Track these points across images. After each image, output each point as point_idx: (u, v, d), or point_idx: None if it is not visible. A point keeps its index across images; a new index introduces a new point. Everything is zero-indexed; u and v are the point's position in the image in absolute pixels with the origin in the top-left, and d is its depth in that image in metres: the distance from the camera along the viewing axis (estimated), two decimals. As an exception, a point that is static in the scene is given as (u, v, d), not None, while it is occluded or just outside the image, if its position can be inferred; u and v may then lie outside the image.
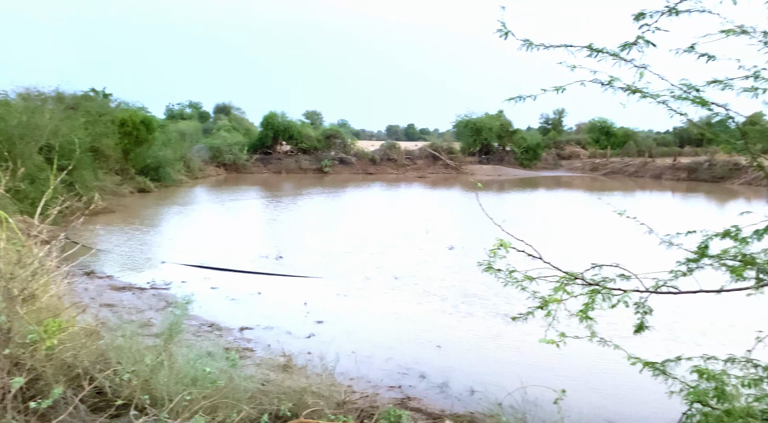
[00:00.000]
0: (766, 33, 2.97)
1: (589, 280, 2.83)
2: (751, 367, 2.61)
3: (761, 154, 3.13)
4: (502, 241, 2.69)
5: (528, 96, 3.14)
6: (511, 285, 2.84)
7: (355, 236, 16.34)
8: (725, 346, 3.08)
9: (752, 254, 2.93)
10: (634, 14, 3.05)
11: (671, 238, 3.46)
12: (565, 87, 3.04)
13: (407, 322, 8.77)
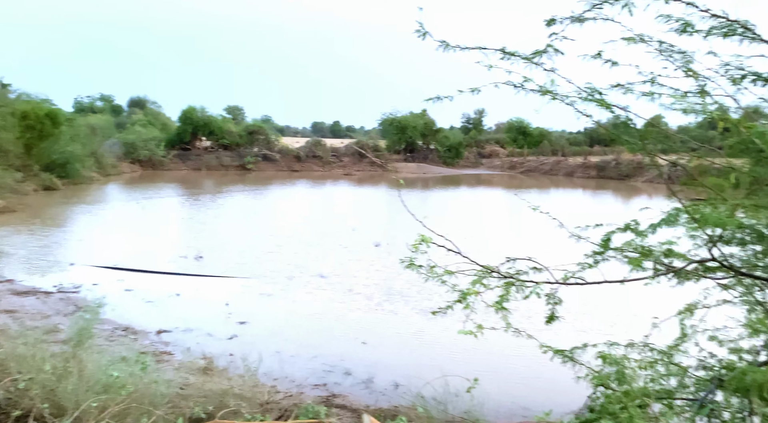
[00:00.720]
0: (662, 42, 3.22)
1: (504, 273, 2.95)
2: (648, 350, 2.84)
3: (658, 153, 3.39)
4: (423, 237, 2.75)
5: (446, 96, 3.22)
6: (432, 280, 2.90)
7: (279, 235, 16.08)
8: (629, 334, 3.32)
9: (650, 246, 3.17)
10: (546, 20, 3.21)
11: (579, 231, 3.67)
12: (480, 88, 3.13)
13: (332, 320, 8.76)
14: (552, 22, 3.18)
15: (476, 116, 62.11)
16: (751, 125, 2.11)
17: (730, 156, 3.35)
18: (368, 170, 43.37)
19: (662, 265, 3.18)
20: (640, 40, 3.24)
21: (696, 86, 2.95)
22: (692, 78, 2.94)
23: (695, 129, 10.30)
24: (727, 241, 3.23)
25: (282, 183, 34.04)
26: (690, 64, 2.93)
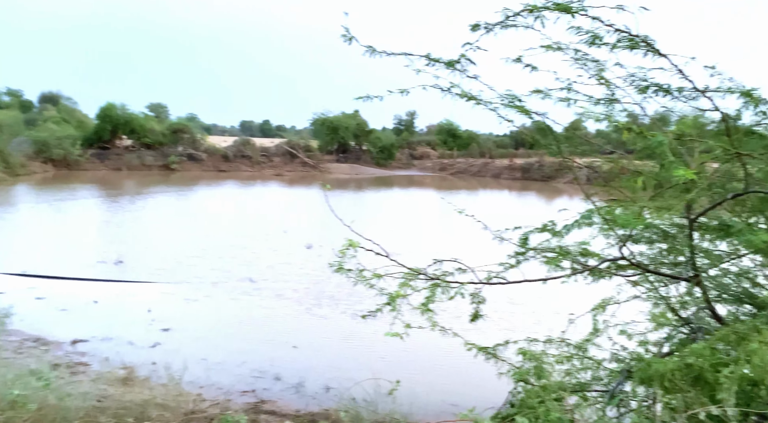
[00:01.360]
0: (577, 50, 3.39)
1: (431, 274, 3.00)
2: (565, 345, 2.99)
3: (574, 158, 3.57)
4: (351, 241, 2.75)
5: (375, 96, 3.24)
6: (361, 283, 2.91)
7: (206, 238, 15.56)
8: (552, 330, 3.46)
9: (567, 246, 3.33)
10: (471, 25, 3.30)
11: (502, 233, 3.81)
12: (409, 90, 3.18)
13: (262, 325, 8.59)
14: (476, 28, 3.27)
15: (408, 118, 62.88)
16: (653, 134, 2.27)
17: (639, 159, 3.57)
18: (300, 171, 42.89)
19: (578, 263, 3.35)
20: (557, 47, 3.40)
21: (607, 94, 3.13)
22: (604, 86, 3.11)
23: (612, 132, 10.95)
24: (636, 240, 3.45)
25: (209, 184, 32.97)
26: (603, 72, 3.11)
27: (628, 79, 2.66)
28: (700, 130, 3.07)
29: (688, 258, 3.06)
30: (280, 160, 44.04)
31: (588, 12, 2.21)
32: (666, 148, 2.17)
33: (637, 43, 2.22)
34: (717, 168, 2.88)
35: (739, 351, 2.10)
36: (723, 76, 2.65)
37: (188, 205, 24.35)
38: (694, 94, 2.52)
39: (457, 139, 54.10)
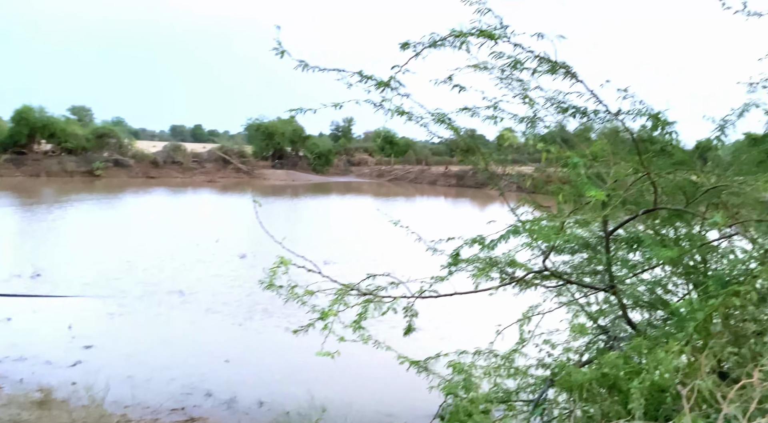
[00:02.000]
0: (503, 70, 3.52)
1: (364, 290, 3.01)
2: (493, 356, 3.09)
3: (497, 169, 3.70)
4: (283, 259, 2.72)
5: (308, 109, 3.23)
6: (293, 301, 2.88)
7: (132, 249, 14.85)
8: (484, 341, 3.53)
9: (495, 257, 3.44)
10: (401, 43, 3.36)
11: (435, 244, 3.88)
12: (342, 104, 3.19)
13: (192, 339, 8.30)
14: (406, 46, 3.34)
15: (345, 124, 62.93)
16: (569, 155, 2.40)
17: (564, 167, 3.71)
18: (233, 177, 41.88)
19: (506, 274, 3.47)
20: (483, 67, 3.51)
21: (532, 112, 3.27)
22: (528, 105, 3.25)
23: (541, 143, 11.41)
24: (560, 251, 3.62)
25: (136, 191, 31.55)
26: (527, 91, 3.24)
27: (548, 100, 2.79)
28: (617, 148, 3.27)
29: (606, 269, 3.23)
30: (212, 166, 42.85)
31: (510, 38, 2.30)
32: (580, 169, 2.29)
33: (556, 68, 2.34)
34: (631, 184, 3.07)
35: (648, 360, 2.24)
36: (635, 98, 2.84)
37: (113, 214, 23.20)
38: (608, 116, 2.68)
39: (395, 147, 54.71)
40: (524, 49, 2.27)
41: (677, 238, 3.36)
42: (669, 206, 3.03)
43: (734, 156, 3.30)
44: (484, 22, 2.28)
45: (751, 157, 3.06)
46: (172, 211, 24.94)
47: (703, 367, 2.09)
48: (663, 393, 2.19)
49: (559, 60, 2.30)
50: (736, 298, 2.10)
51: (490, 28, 2.26)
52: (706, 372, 2.08)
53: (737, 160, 3.21)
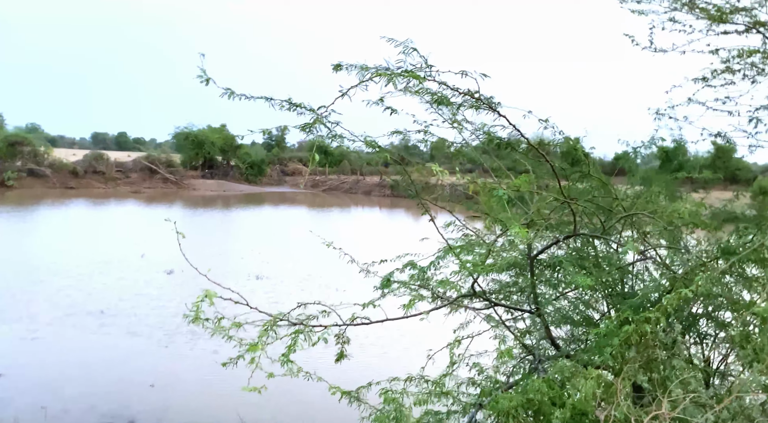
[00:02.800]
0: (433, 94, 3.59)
1: (294, 320, 2.96)
2: (423, 382, 3.12)
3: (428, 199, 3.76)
4: (208, 292, 2.62)
5: (238, 135, 3.17)
6: (219, 334, 2.79)
7: (47, 266, 13.90)
8: (418, 365, 3.53)
9: (427, 277, 3.48)
10: (333, 65, 3.36)
11: (368, 266, 3.89)
12: (271, 130, 3.15)
13: (113, 363, 7.84)
14: (338, 68, 3.34)
15: (279, 133, 62.06)
16: (494, 186, 2.48)
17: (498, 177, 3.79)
18: (161, 188, 40.23)
19: (438, 296, 3.53)
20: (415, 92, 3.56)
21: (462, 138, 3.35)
22: (457, 130, 3.33)
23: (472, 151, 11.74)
24: (488, 273, 3.71)
25: (53, 203, 29.62)
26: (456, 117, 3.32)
27: (475, 131, 2.87)
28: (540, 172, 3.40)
29: (531, 291, 3.35)
30: (138, 176, 40.98)
31: (435, 77, 2.35)
32: (505, 203, 2.37)
33: (479, 104, 2.41)
34: (552, 211, 3.21)
35: (570, 384, 2.34)
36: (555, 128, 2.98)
37: (25, 228, 21.64)
38: (529, 147, 2.79)
39: (329, 156, 54.53)
40: (449, 87, 2.32)
41: (597, 260, 3.54)
42: (586, 232, 3.19)
43: (645, 182, 3.52)
44: (409, 63, 2.32)
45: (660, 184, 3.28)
46: (93, 225, 23.59)
47: (619, 392, 2.20)
48: (584, 416, 2.29)
49: (483, 96, 2.38)
50: (647, 324, 2.23)
51: (415, 68, 2.30)
52: (622, 396, 2.20)
53: (648, 185, 3.43)
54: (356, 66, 3.35)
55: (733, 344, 2.51)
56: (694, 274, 2.58)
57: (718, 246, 2.72)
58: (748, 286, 2.78)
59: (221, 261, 14.79)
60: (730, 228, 3.09)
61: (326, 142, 3.31)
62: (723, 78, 3.74)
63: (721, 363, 3.10)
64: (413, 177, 8.85)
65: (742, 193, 4.38)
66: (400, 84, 2.37)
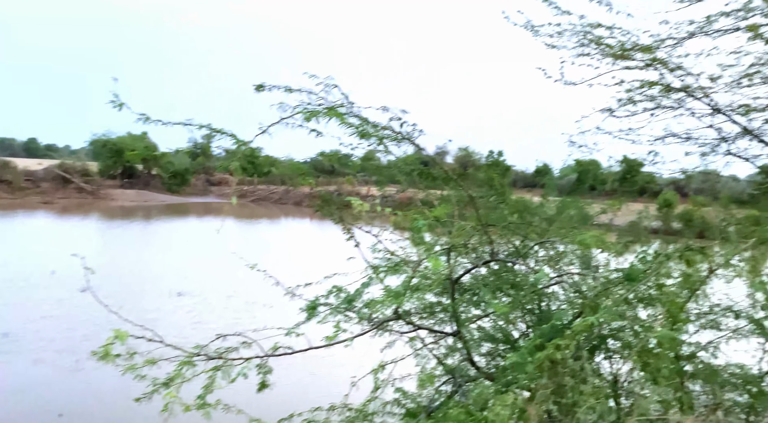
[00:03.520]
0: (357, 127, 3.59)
1: (213, 353, 2.87)
2: (347, 411, 3.11)
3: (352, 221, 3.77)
4: (118, 332, 2.49)
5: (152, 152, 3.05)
6: (130, 374, 2.65)
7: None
8: (345, 395, 3.50)
9: (354, 306, 3.48)
10: (255, 85, 3.31)
11: (293, 289, 3.84)
12: (183, 148, 3.05)
13: (17, 392, 7.25)
14: (260, 89, 3.30)
15: (204, 141, 60.21)
16: (415, 217, 2.53)
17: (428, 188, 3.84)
18: (75, 198, 37.84)
19: (364, 319, 3.53)
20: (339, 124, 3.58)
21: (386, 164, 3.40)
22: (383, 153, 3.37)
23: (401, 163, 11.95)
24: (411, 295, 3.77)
25: (-49, 214, 27.16)
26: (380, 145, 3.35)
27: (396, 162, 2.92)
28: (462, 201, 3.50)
29: (452, 314, 3.43)
30: (49, 185, 38.32)
31: (356, 114, 2.38)
32: (423, 232, 2.42)
33: (400, 139, 2.46)
34: (470, 237, 3.31)
35: (488, 411, 2.41)
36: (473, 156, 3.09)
37: None
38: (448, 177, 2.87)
39: (258, 166, 53.48)
40: (370, 123, 2.36)
41: (516, 281, 3.68)
42: (502, 258, 3.31)
43: (559, 210, 3.72)
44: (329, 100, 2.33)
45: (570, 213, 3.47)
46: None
47: (532, 419, 2.29)
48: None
49: (404, 131, 2.43)
50: (557, 351, 2.34)
51: (336, 104, 2.32)
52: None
53: (560, 213, 3.62)
54: (280, 87, 3.33)
55: (635, 364, 2.69)
56: (601, 299, 2.75)
57: (622, 271, 2.90)
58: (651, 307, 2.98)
59: (140, 276, 14.08)
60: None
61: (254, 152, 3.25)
62: (626, 109, 4.03)
63: (628, 378, 3.30)
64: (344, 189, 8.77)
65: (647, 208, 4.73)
66: (322, 120, 2.38)
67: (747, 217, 4.33)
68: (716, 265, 2.68)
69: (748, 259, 3.94)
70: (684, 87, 3.87)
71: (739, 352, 3.33)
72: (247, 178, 51.28)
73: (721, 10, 3.19)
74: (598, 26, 3.67)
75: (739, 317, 2.99)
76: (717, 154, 4.03)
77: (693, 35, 3.44)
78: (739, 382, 2.83)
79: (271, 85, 3.32)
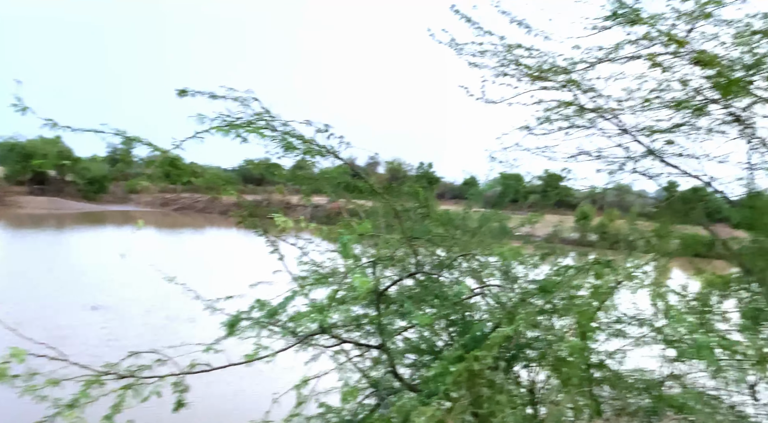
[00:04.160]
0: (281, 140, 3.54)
1: (124, 372, 2.71)
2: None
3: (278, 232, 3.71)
4: (15, 350, 2.30)
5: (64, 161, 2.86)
6: (29, 394, 2.45)
7: None
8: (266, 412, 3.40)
9: (279, 320, 3.40)
10: (178, 90, 3.19)
11: (215, 302, 3.71)
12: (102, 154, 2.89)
13: None
14: (183, 93, 3.19)
15: (124, 147, 57.28)
16: (341, 232, 2.52)
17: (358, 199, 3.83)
18: (-24, 205, 34.89)
19: (288, 333, 3.46)
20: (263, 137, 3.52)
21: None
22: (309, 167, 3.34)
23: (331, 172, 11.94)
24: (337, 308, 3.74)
25: None
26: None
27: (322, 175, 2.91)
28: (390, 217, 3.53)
29: (377, 327, 3.44)
30: (-54, 190, 35.12)
31: (279, 126, 2.36)
32: (349, 248, 2.42)
33: (323, 152, 2.46)
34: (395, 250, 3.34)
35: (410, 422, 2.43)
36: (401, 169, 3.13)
37: None
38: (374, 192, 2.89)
39: (182, 174, 51.35)
40: (294, 137, 2.34)
41: (439, 294, 3.75)
42: (426, 270, 3.37)
43: (481, 223, 3.83)
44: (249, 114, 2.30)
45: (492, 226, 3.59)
46: None
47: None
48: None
49: (328, 145, 2.42)
50: (476, 362, 2.40)
51: (255, 118, 2.29)
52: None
53: (482, 226, 3.73)
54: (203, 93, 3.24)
55: (550, 373, 2.81)
56: (518, 310, 2.86)
57: (538, 283, 3.03)
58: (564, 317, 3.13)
59: (50, 289, 13.10)
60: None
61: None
62: (543, 128, 4.23)
63: (544, 386, 3.44)
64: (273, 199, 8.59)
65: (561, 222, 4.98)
66: (243, 132, 2.33)
67: (652, 231, 4.67)
68: (622, 277, 2.86)
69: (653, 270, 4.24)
70: (596, 108, 4.12)
71: (645, 358, 3.56)
72: (170, 186, 49.27)
73: (626, 38, 3.43)
74: (518, 47, 3.84)
75: (643, 325, 3.20)
76: (624, 172, 4.31)
77: (602, 60, 3.67)
78: (642, 387, 3.01)
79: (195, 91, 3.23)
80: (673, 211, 4.30)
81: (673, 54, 3.47)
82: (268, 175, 4.23)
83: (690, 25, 3.33)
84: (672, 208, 4.30)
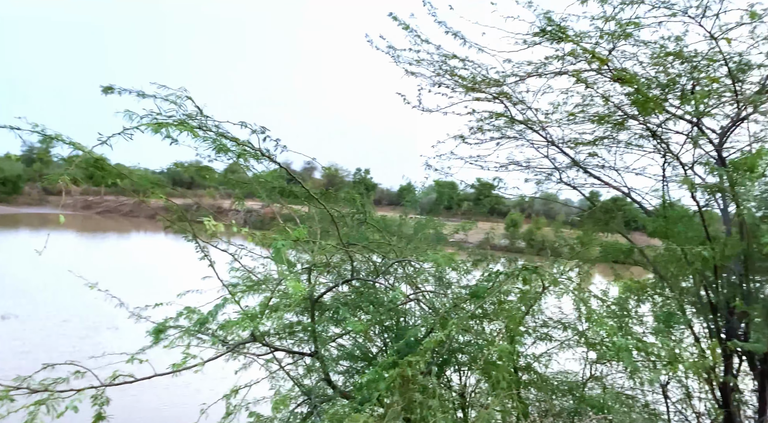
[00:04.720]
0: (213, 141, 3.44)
1: (37, 386, 2.53)
2: (196, 441, 2.93)
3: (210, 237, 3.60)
4: None
5: None
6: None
7: None
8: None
9: (209, 328, 3.29)
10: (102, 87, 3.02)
11: (140, 311, 3.54)
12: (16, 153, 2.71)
13: None
14: (109, 91, 3.03)
15: (42, 146, 53.67)
16: (275, 239, 2.48)
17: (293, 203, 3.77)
18: None
19: (219, 341, 3.36)
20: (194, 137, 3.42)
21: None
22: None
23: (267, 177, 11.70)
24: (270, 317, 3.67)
25: None
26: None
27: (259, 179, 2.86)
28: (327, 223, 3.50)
29: (311, 335, 3.40)
30: None
31: (212, 129, 2.29)
32: (283, 253, 2.38)
33: (257, 155, 2.41)
34: (331, 256, 3.32)
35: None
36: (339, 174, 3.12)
37: None
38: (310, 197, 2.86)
39: (106, 175, 48.82)
40: (228, 138, 2.28)
41: (374, 300, 3.76)
42: (362, 277, 3.37)
43: (416, 229, 3.88)
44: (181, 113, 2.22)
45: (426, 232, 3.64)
46: None
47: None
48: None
49: (263, 148, 2.38)
50: (408, 367, 2.42)
51: (190, 118, 2.22)
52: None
53: (417, 232, 3.78)
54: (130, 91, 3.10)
55: (480, 376, 2.88)
56: (450, 315, 2.91)
57: (470, 288, 3.10)
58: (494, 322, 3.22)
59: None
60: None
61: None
62: (476, 138, 4.36)
63: (475, 389, 3.52)
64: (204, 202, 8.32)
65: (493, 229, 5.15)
66: (173, 132, 2.24)
67: (576, 238, 4.90)
68: (548, 283, 2.98)
69: (577, 276, 4.45)
70: (525, 120, 4.29)
71: (569, 360, 3.72)
72: (94, 188, 46.67)
73: (554, 54, 3.60)
74: (453, 57, 3.94)
75: (567, 329, 3.34)
76: (551, 181, 4.51)
77: (531, 74, 3.83)
78: (566, 389, 3.15)
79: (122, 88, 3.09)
80: (595, 219, 4.54)
81: (596, 71, 3.67)
82: (199, 178, 4.10)
83: (612, 44, 3.53)
84: (594, 217, 4.54)
